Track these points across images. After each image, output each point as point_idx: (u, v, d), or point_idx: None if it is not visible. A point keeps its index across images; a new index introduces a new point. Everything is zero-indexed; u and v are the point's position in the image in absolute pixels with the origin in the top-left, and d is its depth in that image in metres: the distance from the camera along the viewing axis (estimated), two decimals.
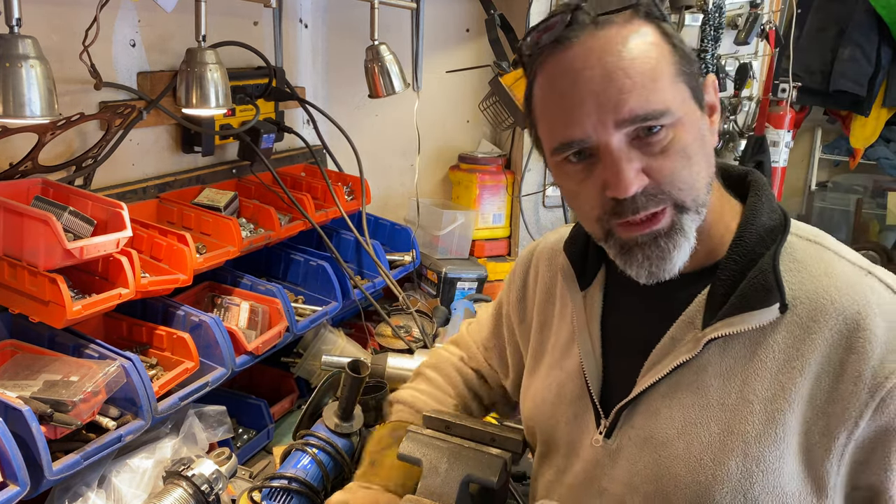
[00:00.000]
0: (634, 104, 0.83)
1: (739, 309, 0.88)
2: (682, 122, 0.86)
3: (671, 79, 0.86)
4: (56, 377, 1.21)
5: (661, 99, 0.84)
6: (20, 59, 1.07)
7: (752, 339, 0.89)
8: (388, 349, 1.79)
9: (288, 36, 2.22)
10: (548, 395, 1.09)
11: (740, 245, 0.90)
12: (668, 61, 0.86)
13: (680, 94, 0.86)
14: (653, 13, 0.88)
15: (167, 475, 1.27)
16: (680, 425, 0.92)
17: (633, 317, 1.01)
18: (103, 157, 1.55)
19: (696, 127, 0.87)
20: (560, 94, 0.87)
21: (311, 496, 1.28)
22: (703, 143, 0.88)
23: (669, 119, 0.85)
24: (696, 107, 0.88)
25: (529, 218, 2.61)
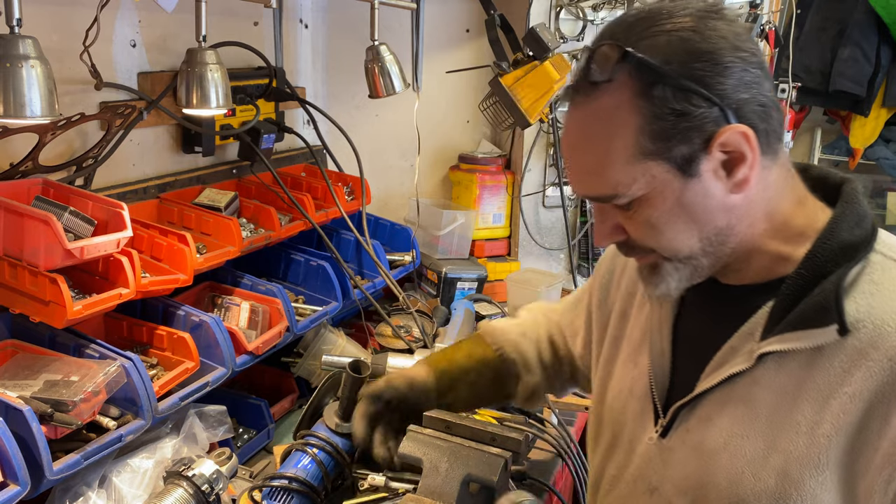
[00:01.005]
0: (583, 189, 0.92)
1: (796, 326, 0.86)
2: (645, 198, 0.88)
3: (627, 161, 0.86)
4: (56, 377, 1.21)
5: (609, 184, 0.88)
6: (21, 60, 1.07)
7: (808, 359, 0.87)
8: (388, 349, 1.79)
9: (288, 36, 2.22)
10: (623, 389, 1.10)
11: (810, 261, 0.88)
12: (625, 143, 0.86)
13: (641, 172, 0.86)
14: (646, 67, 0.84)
15: (168, 475, 1.27)
16: (727, 436, 0.92)
17: (703, 321, 1.01)
18: (104, 157, 1.55)
19: (668, 199, 0.87)
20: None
21: (312, 496, 1.28)
22: (683, 211, 0.88)
23: (622, 200, 0.89)
24: (673, 177, 0.86)
25: (529, 218, 2.61)
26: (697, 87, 0.83)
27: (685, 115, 0.84)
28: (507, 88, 2.13)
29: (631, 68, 0.84)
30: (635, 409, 1.07)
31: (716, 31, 0.84)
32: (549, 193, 2.62)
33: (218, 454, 1.35)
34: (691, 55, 0.83)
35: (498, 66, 2.16)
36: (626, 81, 0.85)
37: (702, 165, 0.86)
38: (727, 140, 0.85)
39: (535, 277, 2.28)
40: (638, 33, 0.86)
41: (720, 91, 0.83)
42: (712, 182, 0.87)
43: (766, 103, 0.87)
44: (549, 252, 2.69)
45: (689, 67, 0.83)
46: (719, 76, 0.83)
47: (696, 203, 0.88)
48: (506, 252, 2.65)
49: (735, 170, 0.87)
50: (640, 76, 0.84)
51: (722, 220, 0.89)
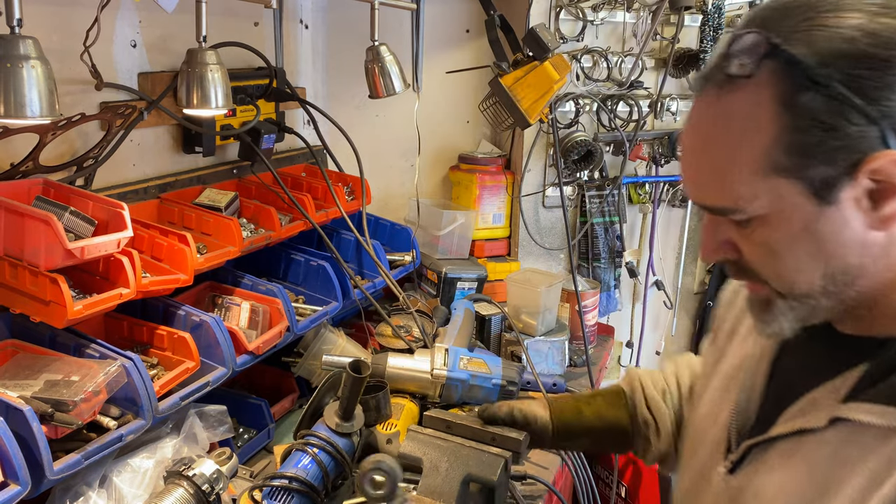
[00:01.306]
0: (698, 196, 0.81)
1: (884, 399, 0.75)
2: (768, 219, 0.76)
3: (753, 173, 0.74)
4: (57, 377, 1.21)
5: (729, 195, 0.77)
6: (21, 60, 1.07)
7: (885, 436, 0.74)
8: (388, 349, 1.79)
9: (288, 36, 2.23)
10: (710, 413, 1.04)
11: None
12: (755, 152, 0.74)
13: (768, 190, 0.74)
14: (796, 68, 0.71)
15: (168, 475, 1.27)
16: (778, 491, 0.84)
17: (801, 362, 0.91)
18: (104, 157, 1.55)
19: (795, 224, 0.75)
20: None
21: (312, 496, 1.28)
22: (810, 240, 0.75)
23: (740, 216, 0.77)
24: (805, 200, 0.74)
25: (529, 218, 2.61)
26: (856, 100, 0.69)
27: (834, 130, 0.70)
28: (507, 88, 2.14)
29: (777, 66, 0.72)
30: (714, 436, 1.00)
31: (893, 33, 0.70)
32: (549, 193, 2.62)
33: (218, 454, 1.35)
34: (856, 60, 0.69)
35: (498, 66, 2.16)
36: (768, 81, 0.73)
37: (842, 192, 0.73)
38: (881, 167, 0.71)
39: (535, 277, 2.28)
40: (793, 24, 0.72)
41: (885, 108, 0.69)
42: (852, 212, 0.74)
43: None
44: (549, 252, 2.69)
45: (849, 75, 0.69)
46: (888, 90, 0.69)
47: (827, 234, 0.75)
48: (506, 252, 2.66)
49: (883, 202, 0.73)
50: (786, 77, 0.71)
51: (854, 257, 0.76)
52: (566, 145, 2.53)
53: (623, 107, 2.63)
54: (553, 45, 2.10)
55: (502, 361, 1.76)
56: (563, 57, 2.19)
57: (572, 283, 2.31)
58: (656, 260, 2.91)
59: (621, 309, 2.89)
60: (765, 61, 0.72)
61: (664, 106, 2.69)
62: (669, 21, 2.64)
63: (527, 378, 1.81)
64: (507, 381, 1.71)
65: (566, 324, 2.29)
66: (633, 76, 2.59)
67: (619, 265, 2.79)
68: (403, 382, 1.70)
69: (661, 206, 2.88)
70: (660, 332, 3.08)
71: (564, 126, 2.55)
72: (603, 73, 2.56)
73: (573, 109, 2.55)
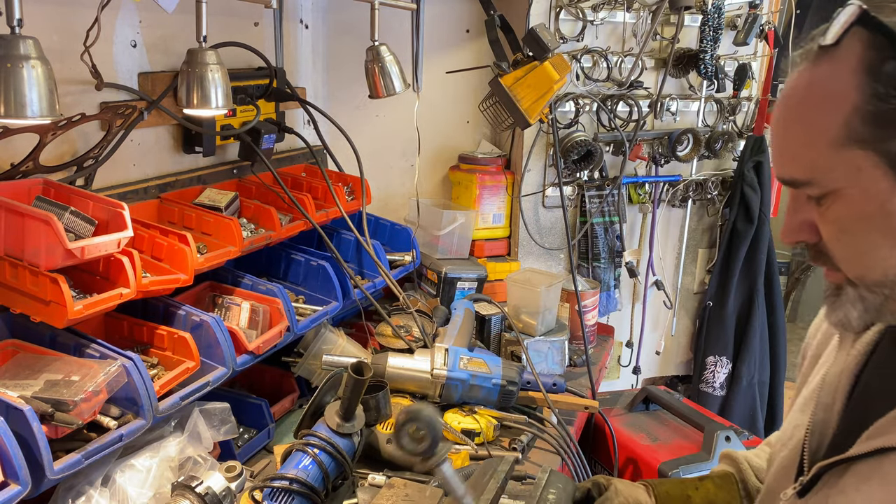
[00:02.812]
0: (779, 168, 0.80)
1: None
2: (842, 193, 0.75)
3: (832, 144, 0.73)
4: (57, 377, 1.21)
5: (807, 167, 0.76)
6: (21, 60, 1.07)
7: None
8: (388, 349, 1.80)
9: (288, 36, 2.23)
10: (786, 432, 1.01)
11: None
12: (835, 121, 0.72)
13: (844, 161, 0.73)
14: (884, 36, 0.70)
15: (175, 487, 1.27)
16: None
17: (885, 380, 0.86)
18: (104, 157, 1.55)
19: (870, 201, 0.73)
20: None
21: (312, 497, 1.28)
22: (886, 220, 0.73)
23: (816, 190, 0.76)
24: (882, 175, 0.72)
25: (529, 218, 2.61)
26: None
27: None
28: (507, 89, 2.14)
29: (865, 34, 0.71)
30: (786, 457, 0.97)
31: None
32: (548, 193, 2.62)
33: (228, 468, 1.34)
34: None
35: (498, 66, 2.16)
36: (855, 49, 0.72)
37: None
38: None
39: (534, 277, 2.29)
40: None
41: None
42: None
43: None
44: (549, 252, 2.69)
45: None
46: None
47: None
48: (506, 252, 2.66)
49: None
50: (873, 46, 0.70)
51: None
52: (566, 145, 2.53)
53: (623, 107, 2.63)
54: (553, 45, 2.10)
55: (502, 361, 1.76)
56: (563, 57, 2.19)
57: (572, 283, 2.31)
58: (656, 260, 2.91)
59: (621, 309, 2.89)
60: (854, 28, 0.71)
61: (664, 106, 2.69)
62: (669, 21, 2.64)
63: (527, 378, 1.82)
64: (507, 381, 1.71)
65: (566, 324, 2.29)
66: (633, 76, 2.59)
67: (619, 265, 2.79)
68: (403, 382, 1.70)
69: (661, 206, 2.88)
70: (659, 332, 3.08)
71: (564, 126, 2.56)
72: (603, 73, 2.56)
73: (573, 109, 2.55)
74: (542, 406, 1.85)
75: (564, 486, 1.10)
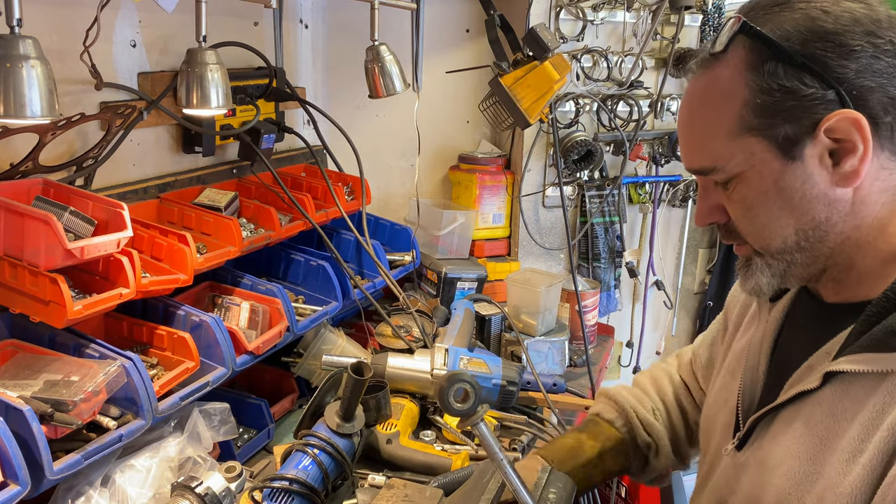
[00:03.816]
0: (687, 159, 0.92)
1: (866, 348, 0.82)
2: (743, 176, 0.86)
3: (729, 134, 0.85)
4: (57, 377, 1.21)
5: (711, 156, 0.88)
6: (21, 60, 1.07)
7: (873, 385, 0.81)
8: (388, 349, 1.79)
9: (288, 36, 2.22)
10: (719, 399, 1.10)
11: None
12: (730, 115, 0.85)
13: (741, 148, 0.85)
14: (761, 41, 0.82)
15: (175, 487, 1.27)
16: (784, 454, 0.89)
17: (798, 339, 0.98)
18: (104, 157, 1.55)
19: (765, 180, 0.85)
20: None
21: (312, 497, 1.28)
22: (780, 195, 0.85)
23: (721, 175, 0.88)
24: (773, 157, 0.84)
25: (529, 218, 2.61)
26: (813, 67, 0.80)
27: (794, 93, 0.81)
28: (507, 88, 2.13)
29: (747, 41, 0.83)
30: (723, 420, 1.06)
31: (851, 13, 0.81)
32: (549, 193, 2.62)
33: (228, 468, 1.33)
34: (814, 34, 0.81)
35: (498, 66, 2.16)
36: (741, 54, 0.84)
37: (806, 149, 0.83)
38: (836, 125, 0.81)
39: (535, 277, 2.28)
40: (767, 9, 0.84)
41: (840, 74, 0.80)
42: (816, 169, 0.83)
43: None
44: (549, 252, 2.69)
45: (808, 46, 0.80)
46: (842, 59, 0.80)
47: (795, 188, 0.84)
48: (506, 252, 2.66)
49: (843, 160, 0.82)
50: (754, 49, 0.83)
51: (822, 212, 0.85)
52: (566, 145, 2.53)
53: (623, 107, 2.63)
54: (553, 45, 2.10)
55: (502, 361, 1.76)
56: (563, 57, 2.19)
57: (572, 283, 2.31)
58: (656, 260, 2.91)
59: (621, 309, 2.89)
60: (738, 37, 0.84)
61: (664, 106, 2.69)
62: (669, 21, 2.64)
63: (527, 378, 1.81)
64: (507, 381, 1.71)
65: (566, 324, 2.28)
66: (633, 76, 2.59)
67: (619, 265, 2.79)
68: (403, 382, 1.70)
69: (661, 205, 2.88)
70: (660, 332, 3.08)
71: (564, 126, 2.55)
72: (603, 73, 2.56)
73: (573, 109, 2.55)
74: (542, 406, 1.85)
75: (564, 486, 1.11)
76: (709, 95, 0.87)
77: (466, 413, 0.98)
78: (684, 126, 0.93)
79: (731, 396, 1.05)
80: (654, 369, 1.41)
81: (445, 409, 0.99)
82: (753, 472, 0.94)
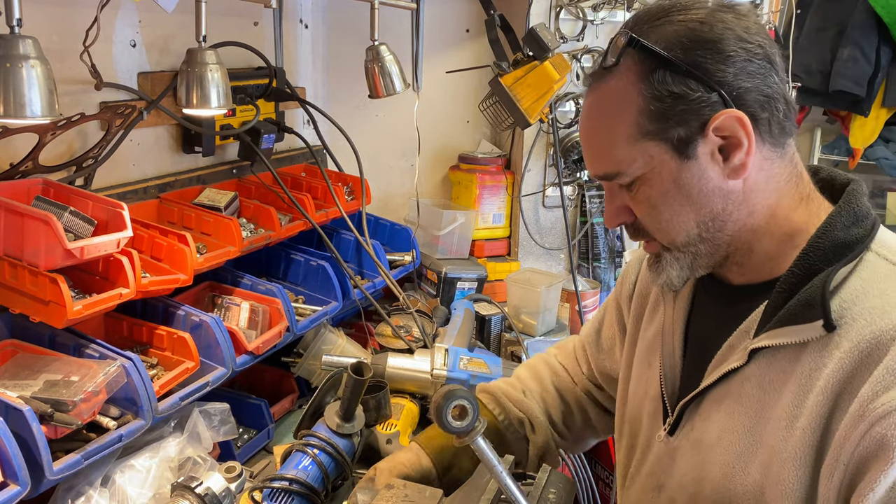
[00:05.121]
0: (592, 168, 0.98)
1: (784, 322, 0.88)
2: (645, 178, 0.92)
3: (628, 140, 0.91)
4: (56, 377, 1.21)
5: (613, 162, 0.94)
6: (21, 60, 1.07)
7: (795, 355, 0.88)
8: (388, 349, 1.79)
9: (288, 36, 2.22)
10: (639, 389, 1.13)
11: (803, 259, 0.89)
12: (627, 122, 0.91)
13: (641, 152, 0.91)
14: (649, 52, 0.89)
15: (175, 487, 1.27)
16: (721, 431, 0.94)
17: (710, 322, 1.03)
18: (104, 157, 1.55)
19: (665, 179, 0.91)
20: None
21: (312, 497, 1.28)
22: (679, 192, 0.91)
23: (625, 179, 0.94)
24: (670, 157, 0.90)
25: (529, 218, 2.61)
26: (696, 72, 0.87)
27: (682, 97, 0.88)
28: (507, 88, 2.13)
29: (636, 53, 0.90)
30: (649, 409, 1.10)
31: (724, 23, 0.89)
32: (549, 193, 2.62)
33: (227, 468, 1.33)
34: (695, 43, 0.88)
35: (498, 66, 2.16)
36: (631, 66, 0.90)
37: (699, 148, 0.90)
38: (722, 124, 0.88)
39: (534, 277, 2.28)
40: (650, 23, 0.91)
41: (720, 78, 0.87)
42: (709, 165, 0.90)
43: (770, 94, 0.90)
44: (549, 252, 2.69)
45: (690, 54, 0.88)
46: (721, 64, 0.87)
47: (692, 185, 0.91)
48: (506, 252, 2.66)
49: (732, 155, 0.90)
50: (643, 61, 0.89)
51: (718, 204, 0.92)
52: (566, 145, 2.53)
53: None
54: (553, 44, 2.10)
55: (502, 361, 1.76)
56: (563, 57, 2.19)
57: (572, 283, 2.31)
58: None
59: None
60: (627, 50, 0.90)
61: None
62: None
63: None
64: None
65: (566, 324, 2.28)
66: None
67: (619, 265, 2.79)
68: (403, 382, 1.70)
69: None
70: None
71: (564, 126, 2.55)
72: None
73: (573, 109, 2.55)
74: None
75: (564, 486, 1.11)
76: (606, 106, 0.94)
77: (465, 430, 0.95)
78: (586, 136, 0.98)
79: (651, 385, 1.10)
80: (533, 359, 1.45)
81: (443, 428, 0.95)
82: (690, 453, 0.99)
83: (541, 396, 1.35)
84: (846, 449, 0.80)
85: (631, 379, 1.17)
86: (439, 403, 0.95)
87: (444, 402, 0.94)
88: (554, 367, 1.40)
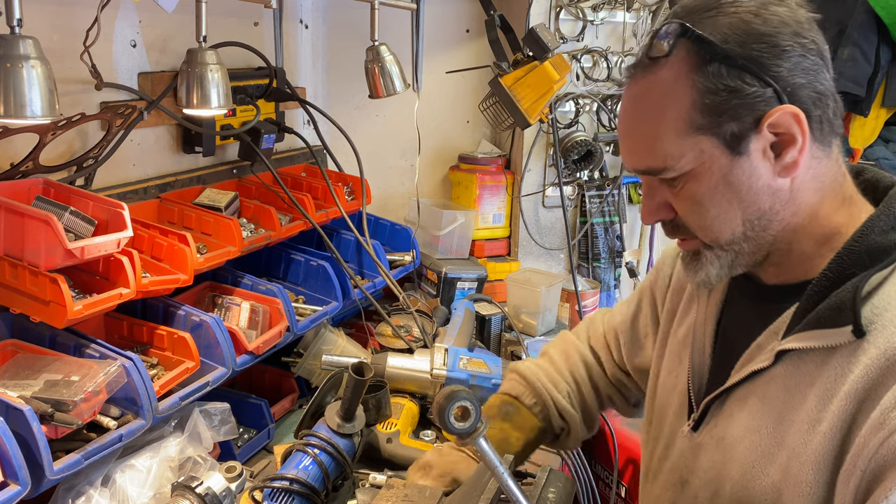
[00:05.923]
0: (633, 161, 0.95)
1: (813, 325, 0.87)
2: (693, 173, 0.90)
3: (678, 134, 0.88)
4: (57, 377, 1.21)
5: (660, 157, 0.90)
6: (21, 60, 1.07)
7: (823, 359, 0.87)
8: (388, 349, 1.80)
9: (288, 36, 2.22)
10: (668, 384, 1.13)
11: (837, 262, 0.88)
12: (677, 116, 0.88)
13: (691, 147, 0.88)
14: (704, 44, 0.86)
15: (175, 487, 1.27)
16: (744, 430, 0.94)
17: (741, 321, 1.02)
18: (104, 157, 1.55)
19: (715, 175, 0.89)
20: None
21: (313, 497, 1.28)
22: (729, 189, 0.89)
23: (671, 174, 0.91)
24: (721, 153, 0.88)
25: (529, 218, 2.61)
26: (752, 67, 0.85)
27: (737, 92, 0.85)
28: (507, 88, 2.13)
29: (689, 44, 0.87)
30: (676, 404, 1.10)
31: (777, 16, 0.87)
32: (549, 193, 2.62)
33: (228, 468, 1.33)
34: (750, 36, 0.86)
35: (498, 66, 2.16)
36: (683, 57, 0.88)
37: (751, 144, 0.88)
38: (778, 120, 0.86)
39: (535, 277, 2.28)
40: (701, 13, 0.88)
41: (775, 73, 0.85)
42: (760, 162, 0.88)
43: (823, 92, 0.88)
44: (549, 252, 2.69)
45: (746, 47, 0.85)
46: (776, 59, 0.85)
47: (742, 182, 0.89)
48: (506, 252, 2.66)
49: (784, 152, 0.88)
50: (697, 52, 0.87)
51: (766, 202, 0.90)
52: (566, 145, 2.53)
53: None
54: (553, 45, 2.10)
55: (502, 361, 1.76)
56: (563, 57, 2.19)
57: (572, 283, 2.31)
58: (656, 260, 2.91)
59: None
60: (680, 41, 0.87)
61: None
62: None
63: None
64: None
65: (566, 324, 2.28)
66: None
67: (619, 265, 2.79)
68: (403, 382, 1.70)
69: None
70: None
71: (564, 126, 2.55)
72: (603, 73, 2.56)
73: (573, 109, 2.55)
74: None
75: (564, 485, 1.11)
76: (653, 98, 0.90)
77: (468, 432, 0.94)
78: (627, 129, 0.95)
79: (679, 380, 1.10)
80: (564, 342, 1.44)
81: (445, 429, 0.94)
82: (713, 450, 0.99)
83: (581, 400, 1.35)
84: (864, 455, 0.80)
85: (661, 373, 1.17)
86: (441, 405, 0.94)
87: (447, 403, 0.94)
88: (588, 361, 1.39)
